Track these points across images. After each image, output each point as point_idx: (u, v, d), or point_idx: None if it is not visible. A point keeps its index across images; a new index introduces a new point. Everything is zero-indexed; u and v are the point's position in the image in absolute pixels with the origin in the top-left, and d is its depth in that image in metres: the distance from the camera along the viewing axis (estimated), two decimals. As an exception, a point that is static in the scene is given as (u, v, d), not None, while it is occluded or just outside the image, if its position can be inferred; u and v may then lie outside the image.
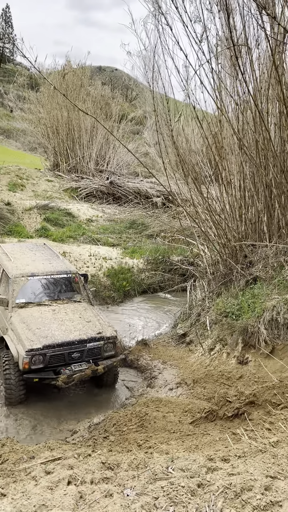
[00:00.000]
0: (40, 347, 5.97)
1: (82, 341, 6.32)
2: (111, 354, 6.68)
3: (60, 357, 6.16)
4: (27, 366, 5.90)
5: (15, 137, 42.92)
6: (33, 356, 5.92)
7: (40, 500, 2.62)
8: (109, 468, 3.15)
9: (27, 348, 5.92)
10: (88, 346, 6.37)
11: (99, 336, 6.50)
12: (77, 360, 6.31)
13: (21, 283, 7.08)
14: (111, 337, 6.62)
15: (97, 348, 6.48)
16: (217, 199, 8.69)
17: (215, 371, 6.43)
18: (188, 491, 2.56)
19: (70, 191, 20.09)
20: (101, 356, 6.53)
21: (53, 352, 6.07)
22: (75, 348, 6.26)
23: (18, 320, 6.51)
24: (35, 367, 5.96)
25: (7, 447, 4.25)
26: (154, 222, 16.00)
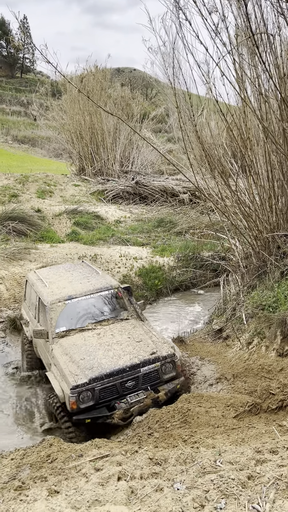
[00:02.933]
0: (87, 381, 5.23)
1: (134, 367, 5.49)
2: (172, 375, 5.80)
3: (111, 389, 5.40)
4: (74, 406, 5.17)
5: (40, 145, 43.75)
6: (79, 394, 5.18)
7: (93, 496, 2.68)
8: (157, 463, 3.18)
9: (71, 385, 5.19)
10: (143, 371, 5.55)
11: (153, 357, 5.65)
12: (133, 390, 5.50)
13: (58, 310, 6.40)
14: (168, 356, 5.75)
15: (154, 371, 5.64)
16: (246, 191, 8.58)
17: (255, 364, 6.36)
18: (239, 483, 2.56)
19: (97, 194, 20.31)
20: (160, 381, 5.70)
21: (102, 384, 5.30)
22: (127, 376, 5.45)
23: (60, 352, 5.80)
24: (84, 405, 5.22)
25: (55, 447, 4.36)
26: (182, 219, 15.95)
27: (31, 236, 13.48)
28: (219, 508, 2.39)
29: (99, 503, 2.61)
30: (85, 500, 2.65)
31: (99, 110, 22.74)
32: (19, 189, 18.36)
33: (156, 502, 2.55)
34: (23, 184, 19.09)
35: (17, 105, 56.97)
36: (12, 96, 59.99)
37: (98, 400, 5.30)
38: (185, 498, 2.53)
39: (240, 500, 2.43)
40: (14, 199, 16.97)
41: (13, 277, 10.40)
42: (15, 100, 58.37)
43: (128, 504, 2.58)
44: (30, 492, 2.98)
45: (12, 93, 61.33)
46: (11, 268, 10.77)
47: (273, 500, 2.36)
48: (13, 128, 49.08)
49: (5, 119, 52.01)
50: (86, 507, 2.57)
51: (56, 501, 2.69)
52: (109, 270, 11.24)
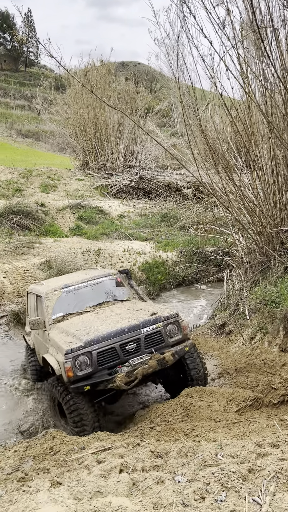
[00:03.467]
0: (82, 345, 4.76)
1: (133, 327, 4.99)
2: (179, 338, 5.25)
3: (111, 353, 4.87)
4: (71, 373, 4.64)
5: (44, 139, 43.72)
6: (75, 359, 4.68)
7: (95, 487, 2.71)
8: (159, 456, 3.21)
9: (65, 350, 4.74)
10: (144, 332, 5.00)
11: (154, 317, 5.17)
12: (135, 354, 4.96)
13: (54, 298, 6.13)
14: (170, 316, 5.26)
15: (157, 333, 5.11)
16: (250, 186, 8.56)
17: (257, 359, 6.37)
18: (239, 476, 2.59)
19: (100, 189, 20.31)
20: (165, 344, 5.15)
21: (99, 347, 4.79)
22: (127, 337, 4.91)
23: (56, 333, 5.49)
24: (82, 373, 4.68)
25: (57, 439, 4.40)
26: (186, 214, 15.94)
27: (34, 231, 13.52)
28: (220, 501, 2.41)
29: (101, 495, 2.64)
30: (87, 491, 2.68)
31: (103, 104, 22.67)
32: (23, 184, 18.38)
33: (157, 494, 2.58)
34: (27, 178, 19.11)
35: (21, 99, 56.89)
36: (16, 90, 59.88)
37: (97, 366, 4.76)
38: (186, 490, 2.56)
39: (241, 492, 2.45)
40: (18, 194, 17.00)
41: (16, 271, 10.45)
42: (19, 94, 58.27)
43: (129, 496, 2.61)
44: (33, 483, 3.02)
45: (16, 87, 61.22)
46: (14, 262, 10.81)
47: (273, 493, 2.38)
48: (17, 122, 49.04)
49: (9, 113, 51.95)
50: (88, 498, 2.60)
51: (58, 492, 2.72)
52: (113, 265, 11.27)
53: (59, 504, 2.50)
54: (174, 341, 5.23)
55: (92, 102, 23.38)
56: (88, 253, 11.58)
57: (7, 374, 7.46)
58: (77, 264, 10.83)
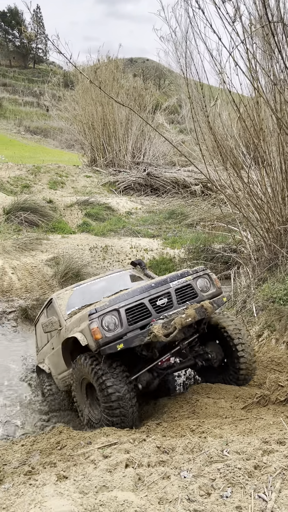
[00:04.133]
0: (106, 303, 4.32)
1: (161, 282, 4.59)
2: (213, 292, 4.79)
3: (141, 309, 4.38)
4: (99, 335, 4.10)
5: (53, 136, 43.84)
6: (102, 319, 4.19)
7: (100, 482, 2.72)
8: (165, 452, 3.21)
9: (89, 312, 4.29)
10: (173, 286, 4.58)
11: (181, 272, 4.81)
12: (167, 309, 4.50)
13: (66, 297, 5.86)
14: (198, 270, 4.86)
15: (188, 286, 4.67)
16: (258, 182, 8.51)
17: (264, 357, 6.35)
18: (245, 472, 2.58)
19: (108, 185, 20.33)
20: (199, 298, 4.67)
21: (126, 303, 4.32)
22: (155, 292, 4.48)
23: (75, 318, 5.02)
24: (111, 334, 4.16)
25: (64, 434, 4.43)
26: (194, 211, 15.89)
27: (42, 227, 13.58)
28: (225, 496, 2.41)
29: (107, 489, 2.65)
30: (93, 485, 2.69)
31: (111, 101, 22.67)
32: (31, 180, 18.46)
33: (163, 489, 2.58)
34: (35, 175, 19.18)
35: (30, 95, 57.05)
36: (24, 86, 60.04)
37: (128, 325, 4.25)
38: (191, 486, 2.56)
39: (246, 489, 2.44)
40: (26, 190, 17.09)
41: (24, 267, 10.51)
42: (27, 90, 58.43)
43: (135, 491, 2.62)
44: (39, 477, 3.04)
45: (25, 84, 61.38)
46: (23, 258, 10.87)
47: (279, 489, 2.38)
48: (25, 119, 49.21)
49: (18, 109, 52.14)
50: (94, 492, 2.61)
51: (64, 485, 2.74)
52: (120, 262, 11.29)
53: (65, 498, 2.52)
54: (208, 295, 4.72)
55: (100, 98, 23.38)
56: (95, 250, 11.61)
57: (19, 367, 7.54)
58: (84, 261, 10.87)
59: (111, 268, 10.91)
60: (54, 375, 6.03)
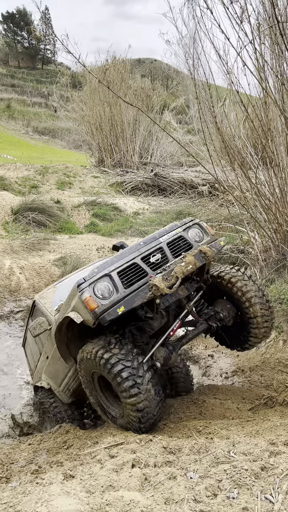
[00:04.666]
0: (95, 270, 3.87)
1: (149, 239, 4.20)
2: (208, 240, 4.43)
3: (134, 270, 3.92)
4: (94, 304, 3.61)
5: (60, 136, 44.01)
6: (93, 286, 3.72)
7: (107, 481, 2.73)
8: (171, 452, 3.21)
9: (77, 283, 3.82)
10: (164, 240, 4.17)
11: (169, 226, 4.44)
12: (163, 264, 4.06)
13: (49, 295, 5.46)
14: (188, 221, 4.51)
15: (180, 238, 4.28)
16: (266, 183, 8.47)
17: (272, 358, 6.32)
18: (252, 474, 2.57)
19: (115, 186, 20.35)
20: (194, 248, 4.28)
21: (117, 265, 3.87)
22: (146, 250, 4.04)
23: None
24: (107, 301, 3.67)
25: (71, 434, 4.45)
26: (201, 211, 15.85)
27: (50, 227, 13.64)
28: (232, 498, 2.41)
29: (113, 489, 2.66)
30: (99, 485, 2.70)
31: (119, 102, 22.70)
32: (39, 180, 18.54)
33: (169, 489, 2.58)
34: (43, 175, 19.26)
35: (38, 96, 57.34)
36: (33, 87, 60.35)
37: (124, 288, 3.80)
38: (198, 487, 2.56)
39: (253, 490, 2.44)
40: (34, 190, 17.16)
41: (32, 267, 10.56)
42: (36, 91, 58.72)
43: (141, 491, 2.62)
44: (46, 475, 3.06)
45: (33, 85, 61.70)
46: (30, 258, 10.93)
47: (286, 491, 2.37)
48: (33, 119, 49.47)
49: (26, 110, 52.42)
50: (100, 492, 2.62)
51: (71, 485, 2.75)
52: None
53: (71, 497, 2.53)
54: (203, 244, 4.35)
55: (108, 99, 23.43)
56: (102, 250, 11.63)
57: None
58: (91, 261, 10.90)
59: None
60: (55, 388, 5.45)
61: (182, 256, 4.04)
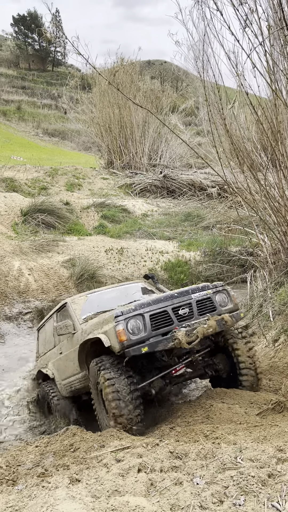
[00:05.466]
0: (133, 307, 4.47)
1: (183, 292, 4.77)
2: (230, 308, 4.99)
3: (164, 317, 4.54)
4: (124, 337, 4.21)
5: (70, 138, 44.22)
6: (127, 321, 4.33)
7: (113, 486, 2.72)
8: (177, 457, 3.19)
9: (115, 314, 4.40)
10: (194, 297, 4.76)
11: (201, 285, 5.03)
12: (188, 319, 4.67)
13: (81, 302, 5.93)
14: (218, 285, 5.09)
15: (207, 299, 4.86)
16: (275, 185, 8.42)
17: (281, 362, 6.27)
18: (259, 481, 2.54)
19: (124, 188, 20.37)
20: (217, 312, 4.86)
21: (151, 309, 4.47)
22: (178, 301, 4.65)
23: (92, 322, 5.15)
24: (136, 337, 4.29)
25: (78, 436, 4.44)
26: (210, 213, 15.81)
27: (59, 229, 13.69)
28: (238, 505, 2.38)
29: (119, 494, 2.65)
30: (105, 489, 2.69)
31: (128, 103, 22.72)
32: (48, 182, 18.63)
33: (175, 495, 2.57)
34: (52, 177, 19.35)
35: (48, 98, 57.69)
36: (43, 89, 60.73)
37: (151, 331, 4.40)
38: (204, 493, 2.53)
39: (260, 497, 2.41)
40: (44, 192, 17.25)
41: (41, 269, 10.61)
42: (46, 93, 59.08)
43: (147, 496, 2.61)
44: (52, 479, 3.05)
45: (44, 87, 62.09)
46: (39, 259, 10.98)
47: (294, 499, 2.34)
48: (43, 121, 49.78)
49: (36, 112, 52.76)
50: (106, 497, 2.61)
51: (77, 489, 2.74)
52: (135, 264, 11.30)
53: (77, 502, 2.52)
54: (226, 310, 4.94)
55: (117, 101, 23.47)
56: (111, 252, 11.65)
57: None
58: (100, 262, 10.92)
59: (126, 270, 10.93)
60: (57, 380, 6.07)
61: (206, 318, 4.62)
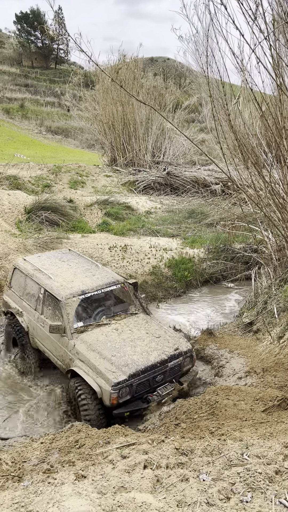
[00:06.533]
0: (126, 378, 5.54)
1: (163, 362, 5.96)
2: (189, 368, 6.42)
3: (145, 383, 5.79)
4: (115, 401, 5.44)
5: (73, 136, 44.16)
6: (120, 390, 5.47)
7: (119, 482, 2.71)
8: (183, 453, 3.18)
9: (113, 382, 5.43)
10: (170, 366, 6.03)
11: (177, 352, 6.15)
12: (161, 383, 5.96)
13: (74, 305, 6.45)
14: (188, 351, 6.29)
15: (178, 365, 6.17)
16: (280, 181, 8.37)
17: (286, 359, 6.24)
18: (266, 477, 2.53)
19: (128, 185, 20.33)
20: (180, 373, 6.28)
21: (139, 380, 5.67)
22: (158, 371, 5.89)
23: (85, 348, 5.98)
24: (122, 400, 5.55)
25: (83, 433, 4.44)
26: (214, 210, 15.74)
27: (63, 226, 13.67)
28: (245, 501, 2.37)
29: (125, 490, 2.64)
30: (111, 486, 2.68)
31: (132, 100, 22.65)
32: (52, 180, 18.61)
33: (182, 491, 2.55)
34: (56, 174, 19.33)
35: (51, 96, 57.59)
36: (46, 87, 60.65)
37: (134, 394, 5.63)
38: (210, 489, 2.52)
39: (267, 494, 2.39)
40: (47, 189, 17.23)
41: (45, 266, 10.58)
42: (49, 91, 58.99)
43: (153, 492, 2.60)
44: (58, 475, 3.05)
45: (47, 84, 61.99)
46: (43, 257, 10.95)
47: (301, 496, 2.32)
48: (47, 119, 49.70)
49: (39, 110, 52.69)
50: (112, 493, 2.60)
51: (83, 485, 2.74)
52: (139, 261, 11.27)
53: (83, 498, 2.51)
54: (186, 370, 6.34)
55: (120, 98, 23.40)
56: (115, 249, 11.63)
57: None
58: (104, 260, 10.90)
59: (130, 268, 10.91)
60: (31, 335, 7.12)
61: (172, 388, 5.92)
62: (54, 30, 65.62)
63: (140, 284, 10.52)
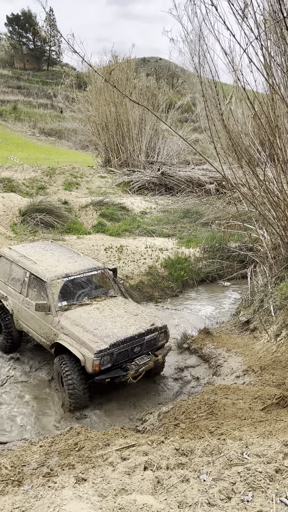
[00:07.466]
0: (108, 347, 6.03)
1: (141, 335, 6.49)
2: (163, 342, 6.97)
3: (124, 353, 6.29)
4: (97, 368, 5.94)
5: (67, 137, 44.06)
6: (102, 357, 5.96)
7: (119, 485, 2.70)
8: (183, 454, 3.18)
9: (95, 350, 5.93)
10: (146, 339, 6.56)
11: (153, 327, 6.70)
12: (138, 354, 6.50)
13: (58, 286, 6.94)
14: (162, 327, 6.85)
15: (153, 339, 6.71)
16: (274, 180, 8.39)
17: (283, 357, 6.26)
18: (266, 476, 2.53)
19: (122, 186, 20.31)
20: (156, 347, 6.81)
21: (119, 350, 6.17)
22: (136, 342, 6.42)
23: (69, 323, 6.49)
24: (104, 367, 6.03)
25: (82, 435, 4.43)
26: (209, 210, 15.77)
27: (58, 228, 13.63)
28: (246, 501, 2.37)
29: (126, 492, 2.63)
30: (111, 488, 2.68)
31: (125, 101, 22.64)
32: (46, 182, 18.56)
33: (182, 492, 2.55)
34: (50, 176, 19.28)
35: (44, 97, 57.44)
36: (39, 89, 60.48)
37: (114, 363, 6.14)
38: (211, 490, 2.52)
39: (268, 493, 2.40)
40: (42, 191, 17.18)
41: (41, 268, 10.54)
42: (41, 93, 58.84)
43: (154, 494, 2.60)
44: (58, 479, 3.04)
45: (39, 86, 61.83)
46: (39, 259, 10.91)
47: (302, 494, 2.33)
48: (40, 121, 49.56)
49: (32, 112, 52.54)
50: (113, 496, 2.59)
51: (83, 488, 2.73)
52: (135, 262, 11.26)
53: (84, 501, 2.51)
54: (161, 344, 6.90)
55: (113, 99, 23.38)
56: (110, 250, 11.62)
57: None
58: (100, 261, 10.88)
59: (126, 268, 10.90)
60: (16, 315, 7.49)
61: (148, 359, 6.50)
62: (46, 31, 65.36)
63: (137, 284, 10.52)
